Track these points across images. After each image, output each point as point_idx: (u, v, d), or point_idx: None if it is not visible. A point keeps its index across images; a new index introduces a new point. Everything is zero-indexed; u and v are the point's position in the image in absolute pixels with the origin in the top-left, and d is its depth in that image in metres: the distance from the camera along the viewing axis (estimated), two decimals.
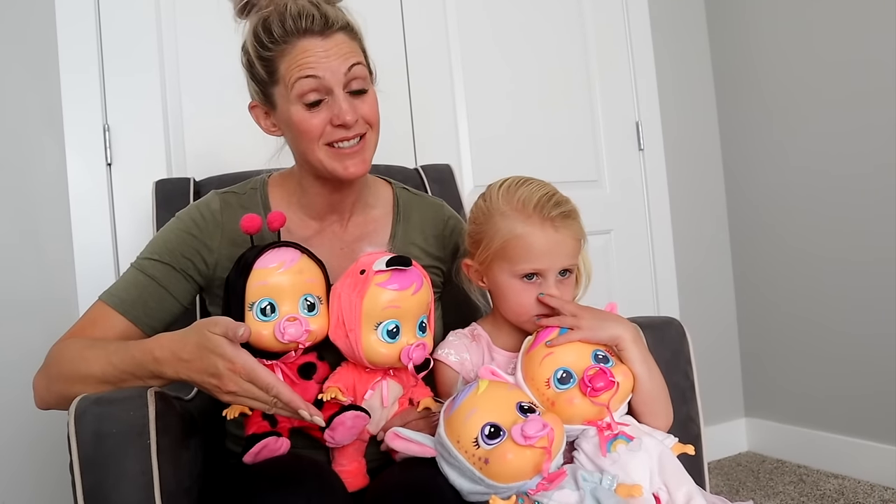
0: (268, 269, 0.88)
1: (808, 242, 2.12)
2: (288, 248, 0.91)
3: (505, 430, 0.78)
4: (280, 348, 0.89)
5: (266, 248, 0.90)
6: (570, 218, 0.93)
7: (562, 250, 0.93)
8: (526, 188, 0.94)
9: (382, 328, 0.89)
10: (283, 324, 0.86)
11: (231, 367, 0.80)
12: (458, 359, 0.98)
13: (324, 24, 0.94)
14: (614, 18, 2.22)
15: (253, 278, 0.87)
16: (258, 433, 0.88)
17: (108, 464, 0.79)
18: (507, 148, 2.02)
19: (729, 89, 2.34)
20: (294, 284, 0.89)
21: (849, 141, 1.97)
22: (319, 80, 0.93)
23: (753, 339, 2.35)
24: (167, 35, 1.66)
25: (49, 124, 1.55)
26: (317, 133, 0.95)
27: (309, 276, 0.91)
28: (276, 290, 0.88)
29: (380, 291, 0.88)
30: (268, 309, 0.87)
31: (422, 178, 1.49)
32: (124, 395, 0.83)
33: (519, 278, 0.93)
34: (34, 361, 1.50)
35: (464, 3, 2.00)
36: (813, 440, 2.12)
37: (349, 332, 0.89)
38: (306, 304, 0.89)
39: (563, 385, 0.86)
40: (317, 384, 0.93)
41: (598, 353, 0.88)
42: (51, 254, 1.55)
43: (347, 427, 0.88)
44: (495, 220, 0.94)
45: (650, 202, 2.24)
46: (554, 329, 0.90)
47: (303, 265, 0.90)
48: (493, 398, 0.82)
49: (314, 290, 0.91)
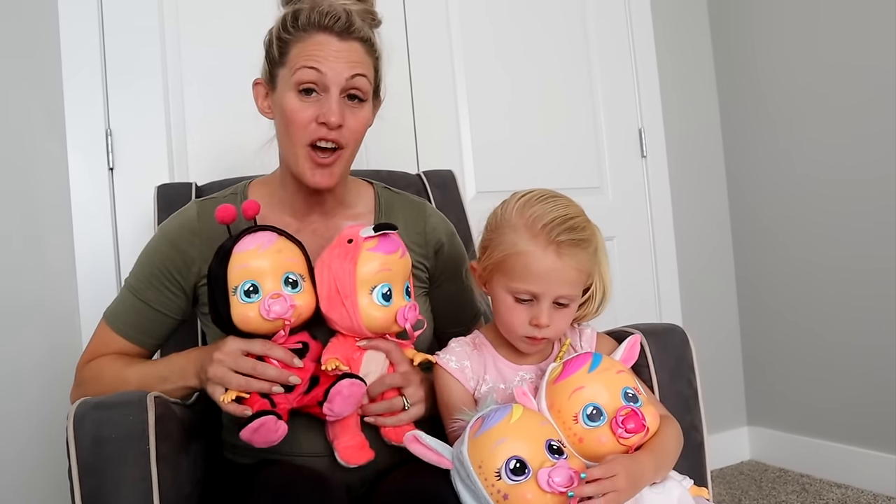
0: (247, 251, 0.89)
1: (811, 250, 2.11)
2: (264, 232, 0.92)
3: (531, 468, 0.76)
4: (268, 328, 0.89)
5: (243, 234, 0.91)
6: (578, 247, 0.89)
7: (559, 278, 0.89)
8: (543, 205, 0.91)
9: (377, 292, 0.91)
10: (268, 301, 0.86)
11: (219, 356, 0.87)
12: (459, 366, 0.97)
13: (345, 28, 0.97)
14: (617, 25, 2.22)
15: (233, 263, 0.88)
16: (264, 410, 0.87)
17: (107, 469, 0.78)
18: (510, 154, 2.02)
19: (732, 96, 2.34)
20: (274, 264, 0.89)
21: (852, 148, 1.97)
22: (321, 74, 0.96)
23: (756, 346, 2.34)
24: (170, 40, 1.66)
25: (52, 128, 1.55)
26: (302, 125, 0.97)
27: (288, 255, 0.91)
28: (257, 271, 0.88)
29: (372, 256, 0.91)
30: (251, 290, 0.88)
31: (424, 183, 1.49)
32: (124, 400, 0.83)
33: (512, 296, 0.92)
34: (35, 365, 1.51)
35: (467, 9, 2.00)
36: (816, 449, 2.11)
37: (345, 299, 0.90)
38: (289, 281, 0.90)
39: (592, 422, 0.83)
40: (312, 363, 0.93)
41: (628, 392, 0.86)
42: (52, 258, 1.54)
43: (345, 396, 0.88)
44: (504, 231, 0.92)
45: (653, 209, 2.24)
46: (585, 361, 0.88)
47: (281, 245, 0.91)
48: (525, 430, 0.80)
49: (295, 268, 0.91)
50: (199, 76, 1.68)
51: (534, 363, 0.99)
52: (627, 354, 0.97)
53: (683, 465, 0.92)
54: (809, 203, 2.11)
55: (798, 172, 2.13)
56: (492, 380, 0.97)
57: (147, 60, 1.64)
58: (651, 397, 1.00)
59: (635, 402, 0.85)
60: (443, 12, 1.97)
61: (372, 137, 1.79)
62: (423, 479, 0.85)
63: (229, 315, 0.88)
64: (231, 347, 0.88)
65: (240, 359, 0.88)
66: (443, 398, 0.97)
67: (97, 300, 1.55)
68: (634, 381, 0.89)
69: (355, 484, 0.98)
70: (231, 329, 0.89)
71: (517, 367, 0.98)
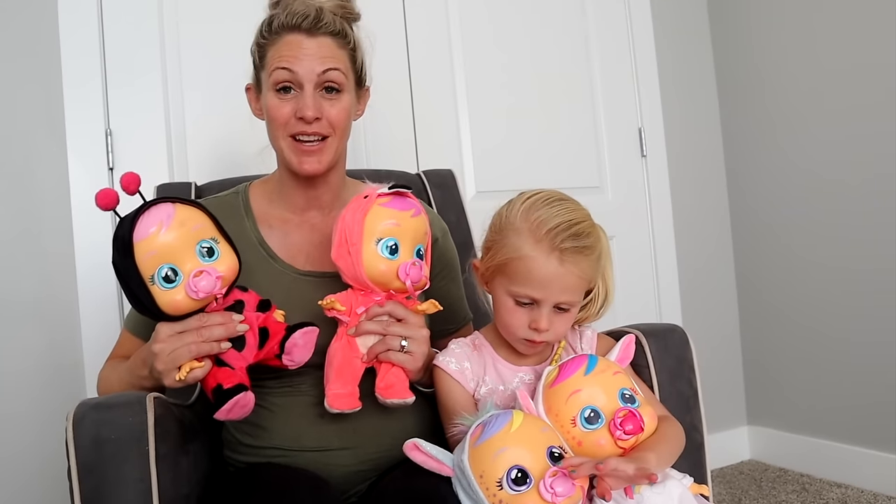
0: (150, 236, 0.82)
1: (811, 250, 2.11)
2: (158, 206, 0.84)
3: (533, 477, 0.76)
4: (200, 305, 0.85)
5: (136, 217, 0.83)
6: (581, 254, 0.88)
7: (561, 284, 0.89)
8: (548, 209, 0.90)
9: (382, 244, 0.92)
10: (192, 282, 0.81)
11: (157, 347, 0.84)
12: (459, 367, 0.97)
13: (312, 25, 1.00)
14: (617, 25, 2.22)
15: (139, 252, 0.82)
16: (224, 387, 0.83)
17: (107, 470, 0.78)
18: (510, 154, 2.02)
19: (732, 96, 2.34)
20: (183, 238, 0.83)
21: (853, 148, 1.97)
22: (293, 73, 0.99)
23: (756, 346, 2.34)
24: (170, 40, 1.66)
25: (51, 128, 1.55)
26: (282, 121, 1.01)
27: (194, 224, 0.85)
28: (168, 253, 0.82)
29: (381, 210, 0.93)
30: (170, 274, 0.82)
31: (424, 183, 1.49)
32: (123, 401, 0.83)
33: (513, 299, 0.92)
34: (35, 365, 1.51)
35: (466, 8, 2.00)
36: (816, 449, 2.11)
37: (351, 247, 0.92)
38: (203, 251, 0.84)
39: (590, 425, 0.83)
40: (253, 313, 0.90)
41: (625, 393, 0.86)
42: (52, 257, 1.54)
43: (301, 346, 0.89)
44: (507, 234, 0.92)
45: (653, 209, 2.24)
46: (581, 364, 0.88)
47: (182, 216, 0.84)
48: (526, 438, 0.80)
49: (205, 233, 0.86)
50: (199, 76, 1.68)
51: (533, 364, 0.99)
52: (623, 354, 0.97)
53: (684, 465, 0.92)
54: (809, 202, 2.11)
55: (798, 171, 2.13)
56: (491, 381, 0.97)
57: (147, 60, 1.64)
58: (650, 396, 1.00)
59: (632, 403, 0.85)
60: (443, 12, 1.97)
61: (372, 137, 1.82)
62: (424, 480, 0.85)
63: (155, 304, 0.83)
64: (166, 333, 0.85)
65: (179, 338, 0.84)
66: (443, 401, 0.97)
67: (97, 300, 1.56)
68: (631, 382, 0.89)
69: (356, 482, 0.98)
70: (161, 316, 0.85)
71: (516, 368, 0.98)
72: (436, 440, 0.89)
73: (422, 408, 1.03)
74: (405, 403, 0.93)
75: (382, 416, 0.98)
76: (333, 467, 0.96)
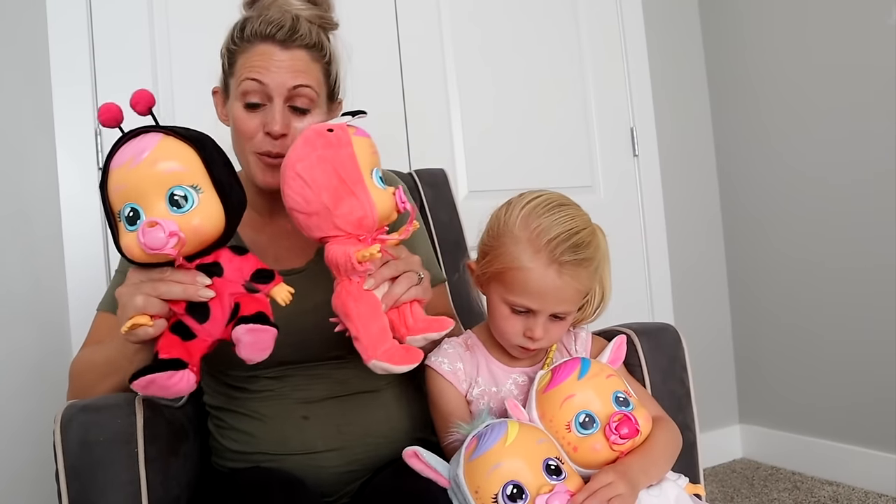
0: (121, 167, 0.72)
1: (802, 249, 2.12)
2: (143, 136, 0.74)
3: (528, 493, 0.75)
4: (155, 260, 0.73)
5: (119, 143, 0.74)
6: (580, 266, 0.87)
7: (558, 296, 0.88)
8: (549, 218, 0.88)
9: (375, 175, 0.82)
10: (140, 231, 0.70)
11: (120, 290, 0.76)
12: (451, 368, 0.96)
13: (287, 36, 0.95)
14: (608, 24, 2.22)
15: (111, 182, 0.73)
16: (159, 357, 0.73)
17: (95, 473, 0.78)
18: (502, 153, 2.02)
19: (723, 95, 2.35)
20: (153, 179, 0.72)
21: (843, 147, 1.98)
22: (263, 86, 0.95)
23: (748, 345, 2.34)
24: (159, 38, 1.65)
25: (40, 126, 1.54)
26: (249, 134, 0.97)
27: (169, 166, 0.73)
28: (133, 191, 0.72)
29: (361, 140, 0.82)
30: (132, 215, 0.72)
31: (416, 182, 1.48)
32: (111, 403, 0.82)
33: (509, 306, 0.91)
34: (24, 365, 1.50)
35: (458, 8, 1.99)
36: (807, 447, 2.12)
37: (353, 186, 0.79)
38: (175, 199, 0.72)
39: (585, 430, 0.83)
40: (230, 282, 0.77)
41: (619, 396, 0.85)
42: (42, 256, 1.53)
43: (246, 344, 0.72)
44: (505, 241, 0.90)
45: (644, 208, 2.24)
46: (574, 369, 0.87)
47: (160, 153, 0.73)
48: (521, 452, 0.78)
49: (182, 179, 0.73)
50: (189, 75, 1.66)
51: (526, 366, 0.98)
52: (614, 356, 0.96)
53: (677, 465, 0.92)
54: (800, 201, 2.11)
55: (789, 170, 2.14)
56: (484, 382, 0.97)
57: (136, 59, 1.62)
58: (644, 395, 0.99)
59: (627, 407, 0.85)
60: (434, 12, 1.96)
61: None
62: (415, 479, 0.85)
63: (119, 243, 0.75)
64: (130, 280, 0.77)
65: (136, 287, 0.75)
66: (436, 402, 0.97)
67: (87, 299, 1.54)
68: (625, 385, 0.89)
69: (347, 482, 0.98)
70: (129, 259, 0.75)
71: (510, 369, 0.98)
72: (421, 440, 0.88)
73: (408, 405, 1.03)
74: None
75: (366, 416, 0.97)
76: (322, 469, 0.95)
